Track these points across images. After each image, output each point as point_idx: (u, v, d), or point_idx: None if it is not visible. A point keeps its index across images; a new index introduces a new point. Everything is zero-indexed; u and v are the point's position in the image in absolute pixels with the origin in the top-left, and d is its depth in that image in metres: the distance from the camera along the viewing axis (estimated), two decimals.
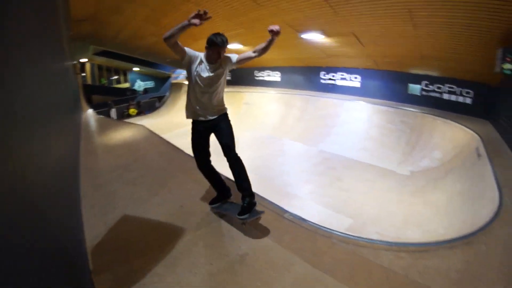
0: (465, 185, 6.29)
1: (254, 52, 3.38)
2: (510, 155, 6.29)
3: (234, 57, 3.41)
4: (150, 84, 34.91)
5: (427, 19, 7.48)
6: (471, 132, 8.22)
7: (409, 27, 8.07)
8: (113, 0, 10.36)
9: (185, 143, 10.29)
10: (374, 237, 5.33)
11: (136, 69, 33.12)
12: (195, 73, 3.30)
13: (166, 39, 2.99)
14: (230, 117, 3.60)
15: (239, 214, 3.36)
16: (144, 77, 34.89)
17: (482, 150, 6.70)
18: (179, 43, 3.13)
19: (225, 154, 3.45)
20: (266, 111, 14.94)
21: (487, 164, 5.85)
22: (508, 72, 7.22)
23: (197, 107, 3.43)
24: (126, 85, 34.40)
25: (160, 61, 23.72)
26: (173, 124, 15.85)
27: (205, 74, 3.30)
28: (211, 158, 3.74)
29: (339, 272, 2.87)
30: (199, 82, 3.32)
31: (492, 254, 3.16)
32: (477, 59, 8.87)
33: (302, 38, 10.60)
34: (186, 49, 3.25)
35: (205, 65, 3.31)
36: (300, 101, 14.28)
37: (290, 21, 9.15)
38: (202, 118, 3.46)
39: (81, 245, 2.92)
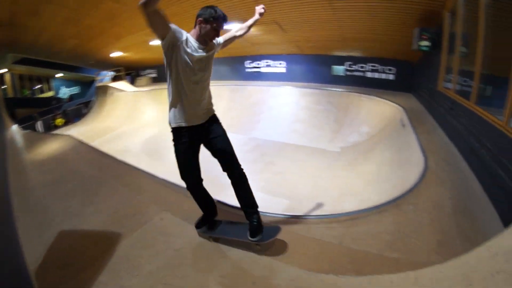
0: (393, 153, 6.53)
1: (238, 31, 2.99)
2: (431, 122, 6.69)
3: (219, 39, 2.84)
4: (75, 90, 32.34)
5: (346, 3, 7.76)
6: (395, 105, 8.63)
7: (329, 11, 8.31)
8: (30, 2, 9.41)
9: (114, 148, 9.91)
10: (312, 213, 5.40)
11: (59, 75, 30.77)
12: (184, 55, 2.45)
13: (145, 5, 2.08)
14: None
15: (252, 235, 2.70)
16: (69, 83, 32.32)
17: (406, 120, 7.04)
18: (161, 12, 2.24)
19: (227, 169, 2.85)
20: None
21: (411, 132, 6.13)
22: (425, 48, 7.97)
23: (188, 106, 2.60)
24: (51, 93, 31.60)
25: (84, 64, 22.27)
26: (101, 130, 15.09)
27: (196, 54, 2.52)
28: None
29: (274, 251, 2.74)
30: (192, 65, 2.49)
31: (421, 212, 3.19)
32: (397, 38, 9.38)
33: (224, 30, 10.43)
34: (171, 24, 2.37)
35: (193, 45, 2.51)
36: (227, 91, 14.17)
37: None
38: (192, 123, 2.65)
39: (24, 271, 2.62)
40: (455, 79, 6.25)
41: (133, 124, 15.18)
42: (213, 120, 2.84)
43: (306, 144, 9.74)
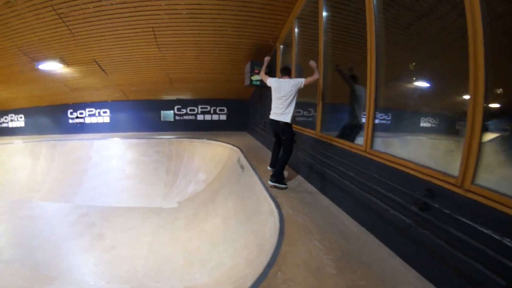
0: (236, 202, 5.94)
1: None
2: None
3: None
4: None
5: (173, 38, 7.24)
6: (230, 146, 8.36)
7: (154, 48, 7.67)
8: None
9: None
10: None
11: None
12: None
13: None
14: None
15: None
16: None
17: (244, 161, 6.67)
18: None
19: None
20: (10, 167, 10.84)
21: (253, 175, 5.65)
22: (257, 83, 7.99)
23: None
24: None
25: None
26: None
27: None
28: None
29: None
30: None
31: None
32: (228, 76, 9.41)
33: (40, 70, 8.50)
34: None
35: None
36: (46, 148, 11.24)
37: (24, 46, 7.24)
38: None
39: None
40: None
41: None
42: None
43: (138, 204, 8.45)
